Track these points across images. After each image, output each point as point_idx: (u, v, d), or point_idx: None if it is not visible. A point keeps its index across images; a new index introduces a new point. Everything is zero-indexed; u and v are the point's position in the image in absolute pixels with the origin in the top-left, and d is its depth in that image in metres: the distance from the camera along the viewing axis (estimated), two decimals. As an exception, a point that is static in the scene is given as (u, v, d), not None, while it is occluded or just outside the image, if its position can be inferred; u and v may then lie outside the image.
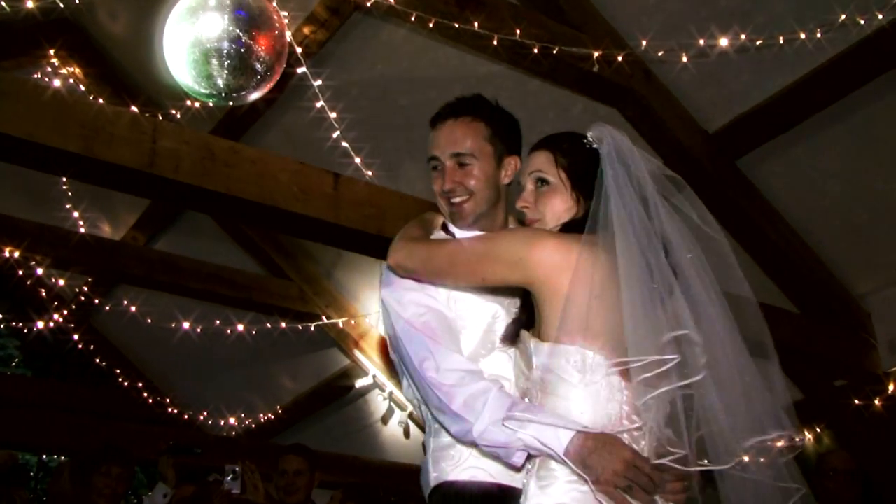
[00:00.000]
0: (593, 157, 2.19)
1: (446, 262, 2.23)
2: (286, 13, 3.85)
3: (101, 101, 3.84)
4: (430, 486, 2.31)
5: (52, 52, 6.53)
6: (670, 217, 2.10)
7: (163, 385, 9.32)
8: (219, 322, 6.94)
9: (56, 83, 5.99)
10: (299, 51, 4.70)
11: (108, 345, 9.13)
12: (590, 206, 2.14)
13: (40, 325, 6.99)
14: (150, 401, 8.94)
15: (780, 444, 1.98)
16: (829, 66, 4.58)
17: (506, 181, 2.48)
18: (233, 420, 8.82)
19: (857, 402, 5.47)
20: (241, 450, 7.45)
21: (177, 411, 8.95)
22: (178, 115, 5.46)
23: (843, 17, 4.27)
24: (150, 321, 7.16)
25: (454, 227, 2.49)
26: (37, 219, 6.30)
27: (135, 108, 3.73)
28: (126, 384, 8.95)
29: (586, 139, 2.24)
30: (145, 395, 8.97)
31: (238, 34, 3.26)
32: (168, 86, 3.77)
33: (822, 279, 5.57)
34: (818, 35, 4.33)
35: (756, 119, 4.98)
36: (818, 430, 5.98)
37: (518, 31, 4.48)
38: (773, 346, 2.11)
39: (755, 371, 2.03)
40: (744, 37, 4.47)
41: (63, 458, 8.86)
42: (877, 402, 5.44)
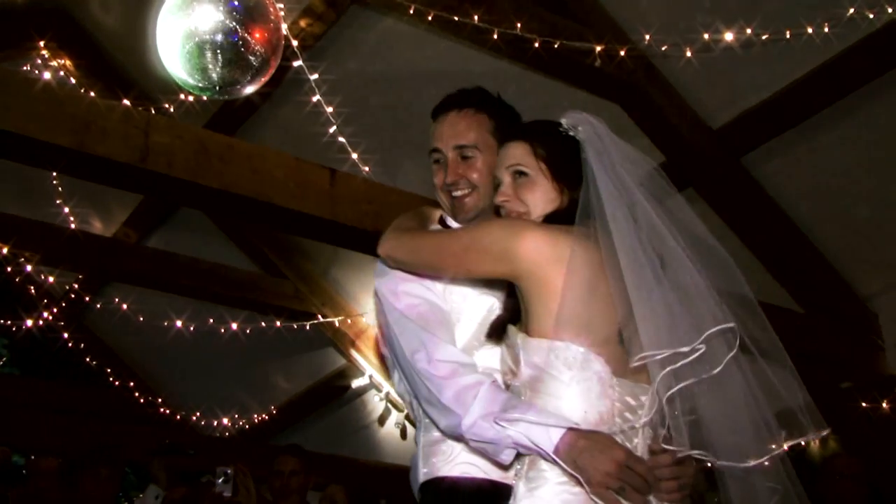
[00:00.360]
0: (571, 144, 2.16)
1: (433, 253, 2.22)
2: (282, 5, 3.84)
3: (92, 94, 3.84)
4: (420, 482, 2.29)
5: (42, 43, 6.52)
6: (654, 205, 2.08)
7: (155, 385, 9.32)
8: (212, 321, 6.93)
9: (46, 75, 5.96)
10: (295, 44, 4.69)
11: (99, 343, 9.12)
12: (574, 196, 2.11)
13: (29, 323, 6.98)
14: (142, 400, 8.94)
15: (785, 445, 1.98)
16: (836, 60, 4.58)
17: None
18: (226, 420, 8.82)
19: (863, 404, 5.47)
20: (235, 451, 7.46)
21: (169, 411, 8.95)
22: (172, 109, 5.45)
23: (851, 11, 4.26)
24: (142, 319, 7.16)
25: (452, 222, 2.49)
26: (26, 214, 6.30)
27: (127, 102, 3.73)
28: (117, 384, 8.95)
29: (562, 127, 2.20)
30: (137, 394, 8.97)
31: (233, 26, 3.25)
32: (161, 79, 3.76)
33: (828, 279, 5.57)
34: (826, 29, 4.33)
35: (761, 115, 4.98)
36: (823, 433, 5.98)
37: (519, 25, 4.48)
38: (779, 344, 2.09)
39: (750, 370, 2.00)
40: (749, 31, 4.47)
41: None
42: (884, 404, 5.45)
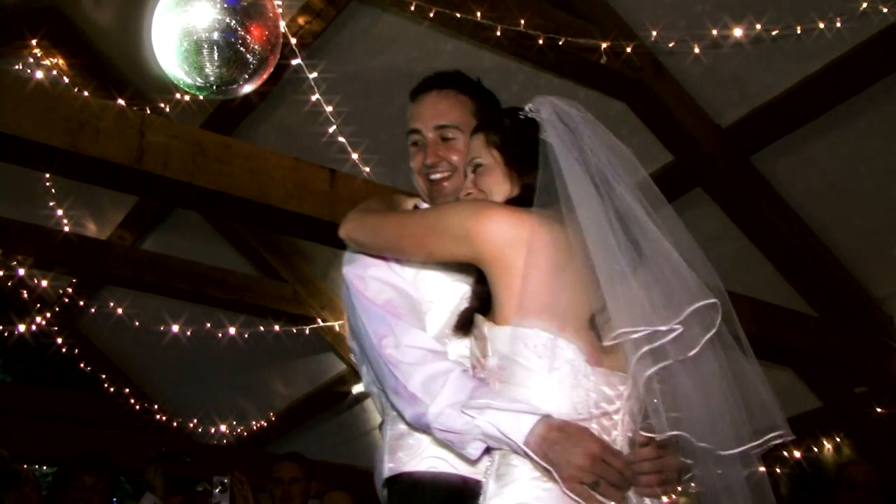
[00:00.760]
0: (530, 128, 2.10)
1: (395, 234, 2.18)
2: (280, 2, 3.85)
3: (86, 93, 3.86)
4: (385, 477, 2.22)
5: (34, 41, 6.52)
6: (627, 190, 2.00)
7: (150, 391, 9.32)
8: (209, 325, 6.94)
9: (39, 75, 5.98)
10: (294, 41, 4.70)
11: (94, 349, 9.12)
12: (527, 183, 2.06)
13: (22, 328, 6.99)
14: (138, 407, 8.94)
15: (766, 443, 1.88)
16: (848, 57, 4.58)
17: None
18: (224, 427, 8.81)
19: (878, 410, 5.47)
20: (233, 458, 7.45)
21: (165, 418, 8.95)
22: (167, 109, 5.46)
23: (864, 5, 4.27)
24: (137, 324, 7.16)
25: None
26: (18, 217, 6.30)
27: (122, 102, 3.74)
28: (112, 390, 8.95)
29: (522, 111, 2.15)
30: (132, 401, 8.97)
31: (230, 24, 3.26)
32: (157, 78, 3.76)
33: (841, 281, 5.57)
34: (838, 24, 4.33)
35: (771, 113, 4.98)
36: (837, 439, 5.98)
37: (522, 22, 4.48)
38: (744, 338, 1.97)
39: (727, 363, 1.91)
40: (759, 27, 4.47)
41: (45, 468, 8.88)
42: (899, 409, 5.45)
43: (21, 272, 6.54)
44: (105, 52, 6.67)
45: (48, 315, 7.54)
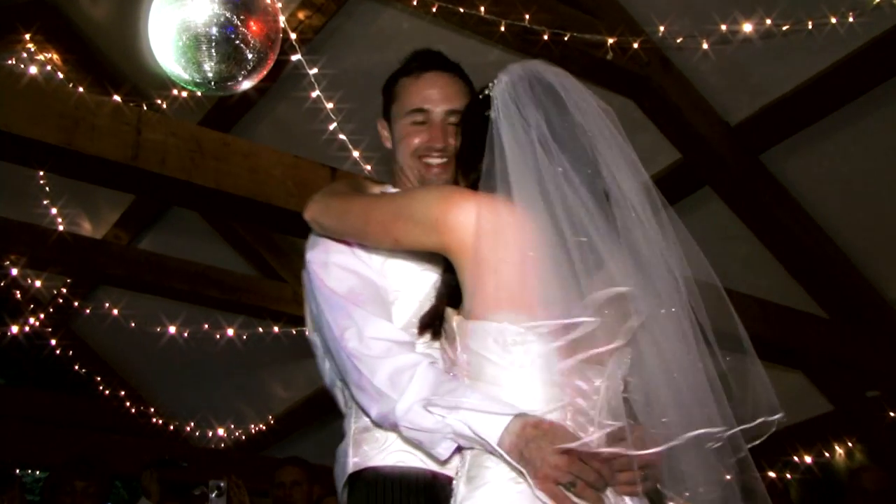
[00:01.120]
0: (486, 105, 2.01)
1: (360, 220, 2.11)
2: (279, -4, 3.85)
3: (81, 89, 3.85)
4: (348, 473, 2.14)
5: (27, 36, 6.52)
6: (617, 166, 1.92)
7: (147, 393, 9.32)
8: (207, 326, 6.94)
9: (32, 70, 5.98)
10: (294, 37, 4.70)
11: (89, 350, 9.12)
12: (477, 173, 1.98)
13: (15, 329, 6.99)
14: (133, 410, 8.94)
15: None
16: (861, 52, 4.58)
17: None
18: (222, 431, 8.82)
19: (891, 414, 5.47)
20: (231, 463, 7.46)
21: (162, 422, 8.95)
22: (164, 106, 5.46)
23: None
24: (133, 325, 7.17)
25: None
26: (11, 216, 6.30)
27: (118, 98, 3.74)
28: (107, 392, 8.95)
29: (488, 88, 2.05)
30: (128, 404, 8.97)
31: (228, 19, 3.26)
32: (153, 74, 3.76)
33: (853, 282, 5.57)
34: (850, 19, 4.33)
35: (782, 110, 4.98)
36: (849, 444, 5.98)
37: (527, 17, 4.48)
38: (747, 339, 1.90)
39: (704, 364, 1.82)
40: (769, 22, 4.47)
41: (39, 472, 8.89)
42: (913, 414, 5.45)
43: (14, 272, 6.55)
44: (101, 46, 6.68)
45: (42, 316, 7.54)
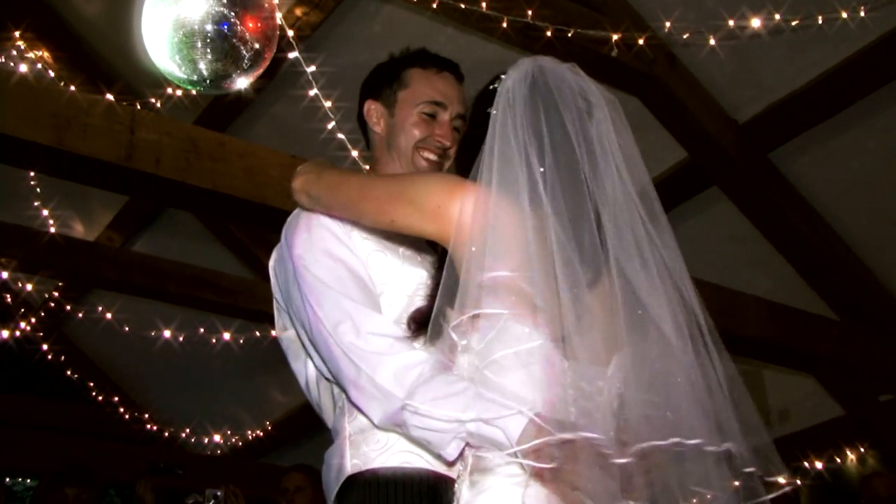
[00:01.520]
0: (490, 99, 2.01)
1: (355, 194, 2.07)
2: (276, -8, 3.85)
3: (73, 88, 3.85)
4: (346, 476, 2.06)
5: (17, 33, 6.51)
6: (610, 172, 1.89)
7: (141, 399, 9.32)
8: (203, 330, 6.94)
9: (23, 68, 5.97)
10: (291, 34, 4.69)
11: (81, 355, 9.12)
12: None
13: (5, 333, 6.99)
14: (127, 417, 8.94)
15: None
16: (873, 48, 4.58)
17: None
18: (218, 437, 8.82)
19: (903, 418, 5.47)
20: (227, 470, 7.46)
21: (156, 428, 8.95)
22: (159, 104, 5.46)
23: (888, -6, 4.27)
24: (126, 329, 7.16)
25: None
26: (2, 217, 6.30)
27: (111, 97, 3.74)
28: (100, 398, 8.94)
29: (497, 82, 2.04)
30: (122, 410, 8.96)
31: (224, 15, 3.26)
32: (147, 72, 3.75)
33: (865, 283, 5.56)
34: (861, 14, 4.32)
35: (791, 108, 4.98)
36: (861, 449, 5.97)
37: (530, 13, 4.48)
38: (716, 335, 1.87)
39: (699, 371, 1.80)
40: (778, 17, 4.47)
41: (29, 480, 8.89)
42: (926, 419, 5.44)
43: (5, 275, 6.54)
44: (93, 44, 6.68)
45: (33, 320, 7.53)
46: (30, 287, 7.45)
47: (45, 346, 7.75)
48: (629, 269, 1.84)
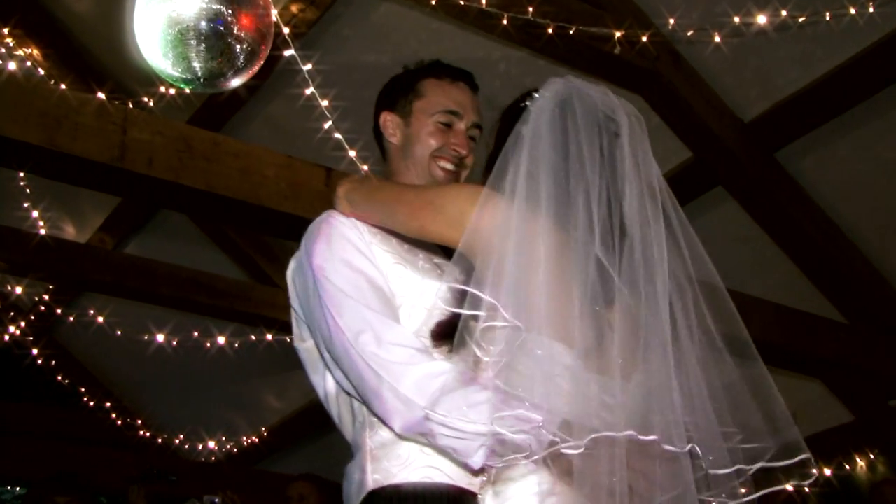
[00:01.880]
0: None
1: (391, 200, 2.20)
2: (272, -11, 3.85)
3: (63, 86, 3.86)
4: (368, 491, 2.08)
5: (6, 30, 6.49)
6: (637, 201, 1.98)
7: (134, 405, 9.31)
8: (197, 334, 6.93)
9: (11, 66, 5.93)
10: (287, 31, 4.70)
11: (72, 360, 9.11)
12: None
13: (-5, 338, 7.00)
14: (119, 422, 8.93)
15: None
16: (882, 44, 4.57)
17: None
18: (212, 444, 8.82)
19: (914, 423, 5.47)
20: (222, 477, 7.46)
21: (149, 434, 8.94)
22: (151, 103, 5.45)
23: (898, -11, 4.27)
24: (119, 333, 7.16)
25: None
26: (-9, 219, 6.31)
27: (102, 95, 3.73)
28: (92, 404, 8.93)
29: (528, 99, 2.11)
30: (114, 416, 8.95)
31: (218, 12, 3.26)
32: (140, 70, 3.75)
33: (873, 285, 5.56)
34: (870, 9, 4.32)
35: (798, 106, 4.97)
36: (871, 456, 5.97)
37: (530, 9, 4.48)
38: (749, 342, 2.00)
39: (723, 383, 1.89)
40: (784, 13, 4.47)
41: (18, 488, 8.88)
42: (936, 424, 5.44)
43: (-6, 278, 6.55)
44: (84, 41, 6.67)
45: (23, 324, 7.53)
46: (19, 290, 7.43)
47: (35, 351, 7.75)
48: (651, 288, 1.89)
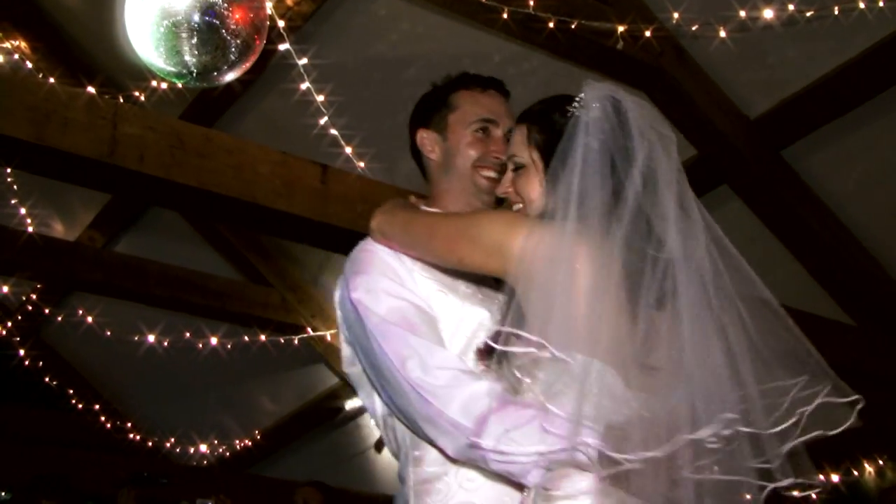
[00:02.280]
0: (575, 127, 2.10)
1: (426, 232, 2.23)
2: (266, -19, 3.85)
3: (52, 80, 3.85)
4: None
5: (-6, 24, 6.53)
6: (674, 211, 2.02)
7: (123, 407, 9.32)
8: (189, 335, 6.94)
9: (-1, 60, 5.99)
10: (281, 24, 4.70)
11: (60, 361, 9.12)
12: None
13: (-19, 338, 7.00)
14: (109, 425, 8.94)
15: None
16: (892, 40, 4.57)
17: None
18: (204, 447, 8.82)
19: (923, 429, 5.46)
20: (214, 481, 7.45)
21: (139, 437, 8.95)
22: (143, 98, 5.45)
23: (908, -17, 4.27)
24: (108, 334, 7.16)
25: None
26: (-23, 216, 6.31)
27: (92, 89, 3.73)
28: (80, 406, 8.95)
29: (573, 105, 2.14)
30: (103, 418, 8.96)
31: (211, 4, 3.26)
32: (131, 64, 3.75)
33: (882, 287, 5.56)
34: (880, 4, 4.32)
35: (805, 103, 4.97)
36: (880, 462, 5.98)
37: (531, 2, 4.48)
38: (815, 354, 2.08)
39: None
40: (791, 7, 4.47)
41: (4, 493, 8.87)
42: (947, 429, 5.44)
43: (-20, 277, 6.55)
44: (73, 34, 6.67)
45: (9, 324, 7.54)
46: (6, 289, 7.43)
47: (21, 352, 7.76)
48: (696, 300, 1.95)
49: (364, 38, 5.58)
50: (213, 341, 6.88)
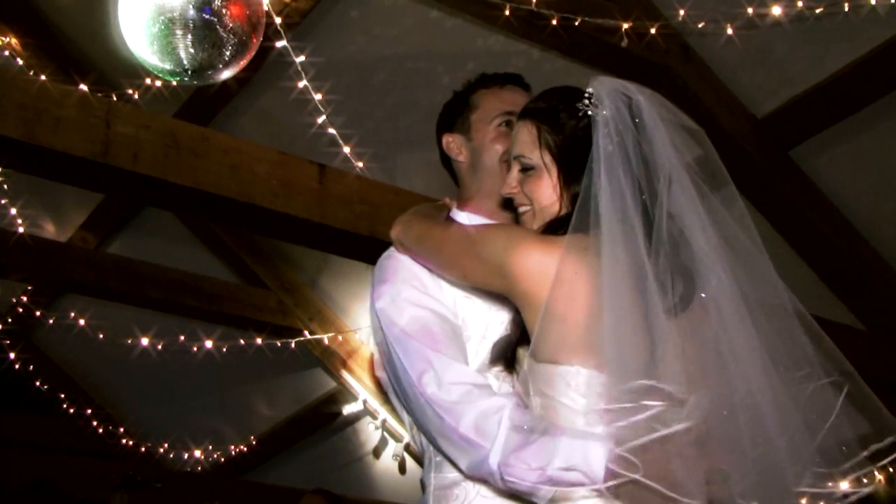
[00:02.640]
0: (588, 126, 2.11)
1: (436, 247, 2.28)
2: (263, -24, 3.84)
3: (43, 77, 3.84)
4: None
5: (-17, 20, 6.52)
6: (695, 211, 2.04)
7: (116, 412, 9.31)
8: (183, 338, 6.93)
9: (-10, 57, 5.98)
10: (278, 21, 4.69)
11: (51, 364, 9.12)
12: (576, 194, 2.06)
13: (-30, 341, 6.99)
14: (101, 430, 8.93)
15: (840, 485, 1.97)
16: (901, 39, 4.58)
17: None
18: (199, 453, 8.81)
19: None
20: (209, 487, 7.45)
21: (132, 442, 8.94)
22: (136, 96, 5.45)
23: (921, -21, 4.27)
24: (101, 337, 7.15)
25: (461, 216, 2.60)
26: (-33, 217, 6.31)
27: (84, 87, 3.72)
28: (72, 411, 8.94)
29: (583, 101, 2.13)
30: (95, 423, 8.95)
31: (207, 0, 3.25)
32: (124, 61, 3.76)
33: (893, 291, 5.56)
34: (892, 0, 4.31)
35: (814, 102, 4.97)
36: (891, 470, 5.96)
37: (534, 0, 4.48)
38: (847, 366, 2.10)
39: (793, 405, 1.96)
40: (800, 4, 4.46)
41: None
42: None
43: (-31, 279, 6.54)
44: (65, 30, 6.67)
45: (0, 327, 7.53)
46: (-4, 291, 7.45)
47: (12, 355, 7.75)
48: (716, 304, 1.97)
49: (363, 34, 5.57)
50: (208, 344, 6.87)
